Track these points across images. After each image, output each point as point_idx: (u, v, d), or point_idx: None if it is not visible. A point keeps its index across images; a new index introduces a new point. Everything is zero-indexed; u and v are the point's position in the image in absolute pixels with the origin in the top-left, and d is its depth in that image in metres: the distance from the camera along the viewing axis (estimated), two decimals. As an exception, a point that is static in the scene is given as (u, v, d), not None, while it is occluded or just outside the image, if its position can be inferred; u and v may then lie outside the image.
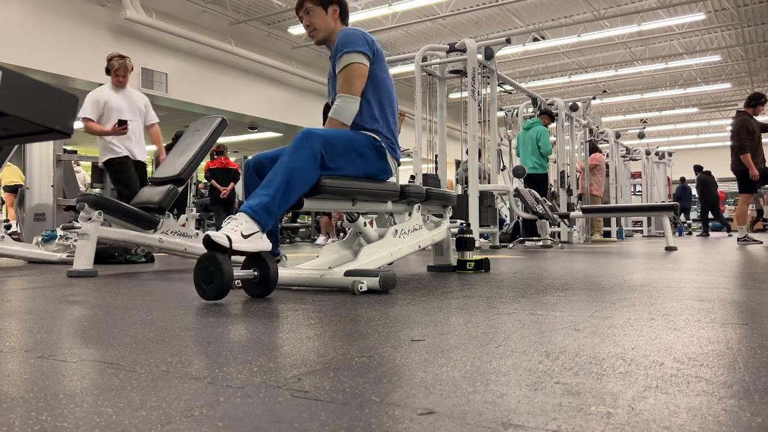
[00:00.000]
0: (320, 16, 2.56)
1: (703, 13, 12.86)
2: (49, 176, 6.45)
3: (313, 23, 2.57)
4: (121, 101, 4.73)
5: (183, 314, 1.70)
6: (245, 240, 2.01)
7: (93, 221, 3.32)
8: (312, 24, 2.57)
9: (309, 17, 2.57)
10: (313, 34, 2.59)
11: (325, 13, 2.56)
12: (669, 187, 15.33)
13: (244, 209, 2.08)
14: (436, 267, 3.25)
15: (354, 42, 2.46)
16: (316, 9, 2.55)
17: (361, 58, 2.45)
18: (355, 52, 2.45)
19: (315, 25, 2.57)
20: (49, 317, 1.66)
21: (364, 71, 2.47)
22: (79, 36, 9.90)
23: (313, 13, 2.56)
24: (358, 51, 2.45)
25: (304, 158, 2.20)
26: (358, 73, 2.45)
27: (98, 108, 4.67)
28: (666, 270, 3.13)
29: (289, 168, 2.16)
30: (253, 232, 2.04)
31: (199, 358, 1.10)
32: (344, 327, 1.44)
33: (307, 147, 2.22)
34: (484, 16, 13.37)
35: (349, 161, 2.41)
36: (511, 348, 1.17)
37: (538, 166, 8.02)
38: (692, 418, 0.73)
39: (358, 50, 2.45)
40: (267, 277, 2.07)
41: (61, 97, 1.23)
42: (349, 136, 2.43)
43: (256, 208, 2.08)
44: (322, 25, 2.57)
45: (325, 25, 2.57)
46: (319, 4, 2.55)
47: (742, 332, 1.32)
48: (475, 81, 6.46)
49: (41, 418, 0.75)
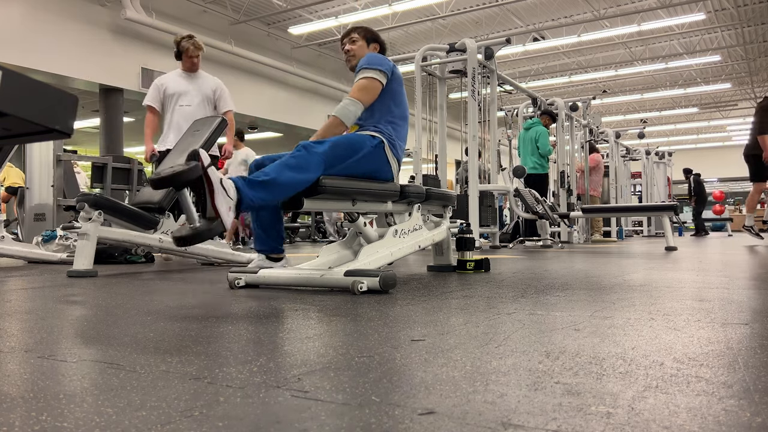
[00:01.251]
0: (362, 47, 2.88)
1: (703, 13, 12.86)
2: (49, 176, 6.45)
3: (354, 50, 2.87)
4: (184, 85, 4.42)
5: (183, 314, 1.70)
6: (222, 190, 2.00)
7: (93, 221, 3.32)
8: (352, 50, 2.87)
9: (352, 45, 2.88)
10: (350, 59, 2.87)
11: (367, 47, 2.89)
12: (669, 187, 15.33)
13: (234, 179, 2.10)
14: (436, 267, 3.25)
15: (374, 61, 2.70)
16: (360, 40, 2.89)
17: (377, 74, 2.67)
18: (373, 69, 2.67)
19: (355, 52, 2.86)
20: (49, 317, 1.66)
21: (376, 86, 2.66)
22: (79, 36, 9.90)
23: (357, 42, 2.88)
24: (375, 68, 2.67)
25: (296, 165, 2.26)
26: (369, 86, 2.64)
27: (158, 94, 4.45)
28: (666, 270, 3.13)
29: (283, 166, 2.23)
30: (229, 193, 2.03)
31: (199, 358, 1.10)
32: (344, 327, 1.44)
33: (304, 156, 2.29)
34: (484, 16, 13.36)
35: (350, 163, 2.48)
36: (511, 348, 1.17)
37: (538, 166, 8.02)
38: (692, 418, 0.73)
39: (376, 68, 2.67)
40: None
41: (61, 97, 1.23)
42: (348, 140, 2.51)
43: (240, 182, 2.11)
44: (360, 54, 2.85)
45: (363, 55, 2.83)
46: (364, 38, 2.89)
47: (742, 332, 1.32)
48: (475, 81, 6.46)
49: (41, 418, 0.75)
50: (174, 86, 4.43)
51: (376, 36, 2.94)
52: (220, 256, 3.97)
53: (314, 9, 12.63)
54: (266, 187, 2.16)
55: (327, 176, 2.30)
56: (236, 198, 2.05)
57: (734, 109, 22.22)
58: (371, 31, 2.94)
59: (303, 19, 13.10)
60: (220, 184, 1.99)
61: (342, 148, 2.45)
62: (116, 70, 10.47)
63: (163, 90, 4.46)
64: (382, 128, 2.67)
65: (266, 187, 2.16)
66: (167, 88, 4.45)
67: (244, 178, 2.13)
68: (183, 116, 4.37)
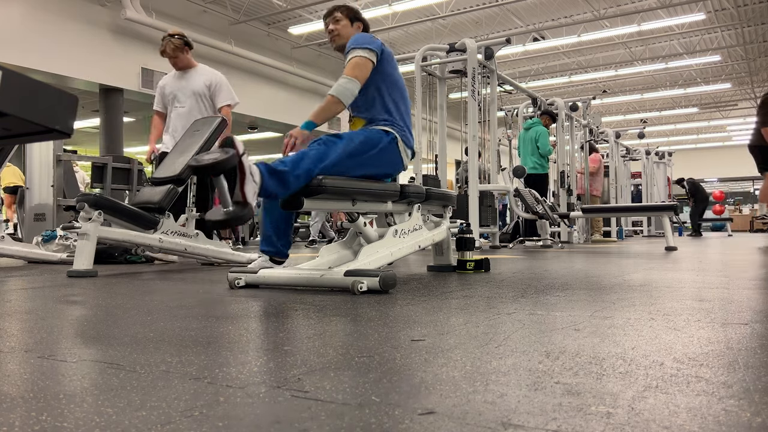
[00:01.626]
0: (345, 26, 2.84)
1: (703, 13, 12.86)
2: (49, 176, 6.44)
3: (338, 29, 2.83)
4: (177, 85, 4.34)
5: (183, 314, 1.70)
6: (250, 176, 2.08)
7: (93, 221, 3.32)
8: (336, 30, 2.83)
9: (335, 24, 2.84)
10: (335, 39, 2.84)
11: (350, 26, 2.85)
12: (669, 187, 15.34)
13: (259, 165, 2.17)
14: (436, 267, 3.25)
15: (361, 41, 2.68)
16: (344, 20, 2.85)
17: (365, 52, 2.64)
18: (361, 48, 2.65)
19: (339, 31, 2.83)
20: (49, 317, 1.66)
21: (368, 64, 2.64)
22: (79, 36, 9.90)
23: (341, 22, 2.84)
24: (363, 47, 2.65)
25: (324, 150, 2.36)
26: (360, 63, 2.62)
27: (160, 97, 4.41)
28: (666, 270, 3.13)
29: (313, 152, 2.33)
30: (255, 178, 2.10)
31: (199, 358, 1.10)
32: (344, 327, 1.44)
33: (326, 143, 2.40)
34: (484, 16, 13.36)
35: (368, 157, 2.56)
36: (511, 348, 1.17)
37: (538, 166, 8.02)
38: (692, 418, 0.73)
39: (364, 47, 2.65)
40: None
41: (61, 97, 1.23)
42: (363, 138, 2.56)
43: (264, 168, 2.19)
44: (345, 33, 2.82)
45: (347, 34, 2.82)
46: (347, 17, 2.86)
47: (742, 332, 1.32)
48: (475, 81, 6.46)
49: (41, 418, 0.75)
50: (170, 87, 4.40)
51: (358, 14, 2.91)
52: (220, 256, 3.97)
53: (314, 9, 12.63)
54: (282, 176, 2.20)
55: (327, 176, 2.30)
56: (259, 183, 2.12)
57: (734, 109, 22.21)
58: (353, 10, 2.90)
59: (303, 19, 13.10)
60: (249, 170, 2.08)
61: (359, 142, 2.52)
62: (116, 70, 10.47)
63: (163, 92, 4.43)
64: (390, 120, 2.70)
65: (282, 176, 2.20)
66: (165, 90, 4.42)
67: (266, 165, 2.19)
68: (177, 117, 4.35)
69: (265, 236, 2.72)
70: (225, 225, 2.09)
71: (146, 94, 11.16)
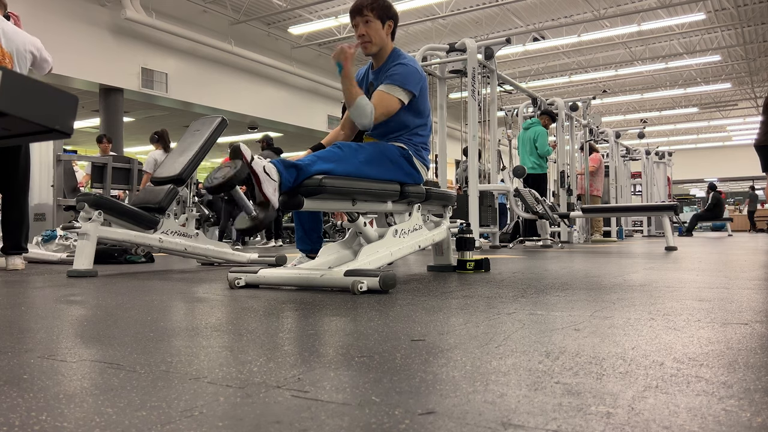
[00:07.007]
0: (377, 29, 2.60)
1: (703, 13, 12.86)
2: (49, 176, 6.44)
3: (370, 35, 2.60)
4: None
5: (183, 314, 1.70)
6: (266, 175, 2.13)
7: (93, 221, 3.32)
8: (368, 35, 2.60)
9: (366, 27, 2.60)
10: (367, 45, 2.62)
11: (382, 28, 2.62)
12: (669, 187, 15.34)
13: (275, 162, 2.21)
14: (436, 267, 3.25)
15: (409, 80, 2.57)
16: (374, 22, 2.59)
17: (403, 96, 2.56)
18: (404, 89, 2.56)
19: (371, 37, 2.60)
20: (49, 317, 1.66)
21: (397, 106, 2.55)
22: (79, 36, 9.90)
23: (371, 25, 2.59)
24: (406, 89, 2.56)
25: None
26: (389, 106, 2.53)
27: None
28: (666, 270, 3.13)
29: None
30: (273, 176, 2.15)
31: (199, 358, 1.10)
32: (344, 327, 1.44)
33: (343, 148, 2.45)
34: (484, 16, 13.36)
35: (383, 164, 2.58)
36: (511, 348, 1.17)
37: (537, 166, 8.02)
38: (692, 418, 0.73)
39: (408, 89, 2.57)
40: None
41: (61, 97, 1.23)
42: (381, 148, 2.59)
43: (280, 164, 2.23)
44: (378, 39, 2.61)
45: (380, 39, 2.62)
46: (378, 18, 2.59)
47: (742, 332, 1.32)
48: (475, 81, 6.46)
49: (41, 418, 0.75)
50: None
51: (389, 10, 2.63)
52: (220, 256, 3.96)
53: (314, 9, 12.64)
54: (298, 168, 2.25)
55: (328, 176, 2.30)
56: (278, 180, 2.18)
57: (734, 109, 22.22)
58: (385, 6, 2.61)
59: (303, 19, 13.10)
60: (264, 171, 2.12)
61: (373, 149, 2.55)
62: (116, 70, 10.47)
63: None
64: (406, 140, 2.70)
65: (298, 168, 2.25)
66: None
67: (282, 161, 2.24)
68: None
69: (299, 236, 2.90)
70: (253, 230, 2.19)
71: (146, 94, 11.17)
